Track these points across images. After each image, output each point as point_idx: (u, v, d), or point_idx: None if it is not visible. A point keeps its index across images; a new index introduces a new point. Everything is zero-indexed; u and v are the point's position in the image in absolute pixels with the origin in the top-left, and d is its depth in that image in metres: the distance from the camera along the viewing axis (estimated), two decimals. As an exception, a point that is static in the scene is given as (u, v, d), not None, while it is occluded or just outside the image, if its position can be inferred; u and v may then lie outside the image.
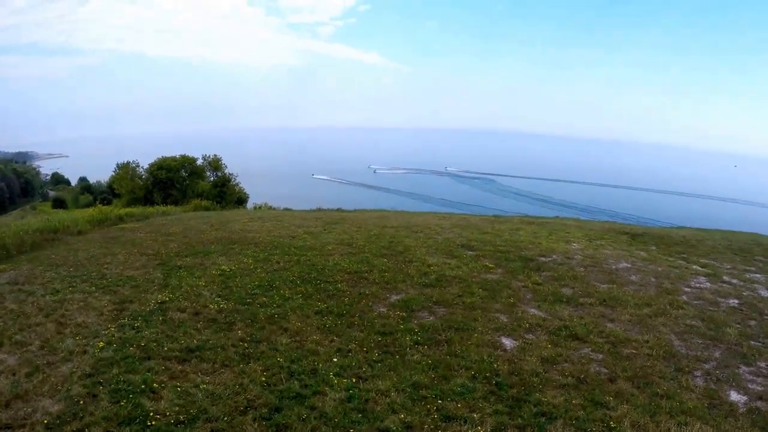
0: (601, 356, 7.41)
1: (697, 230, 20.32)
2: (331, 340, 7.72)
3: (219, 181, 37.66)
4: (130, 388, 6.11)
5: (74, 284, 10.29)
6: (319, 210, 25.64)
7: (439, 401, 6.07)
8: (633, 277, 11.39)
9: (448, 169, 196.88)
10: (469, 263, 12.09)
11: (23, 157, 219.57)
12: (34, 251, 13.63)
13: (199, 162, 38.50)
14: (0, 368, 6.72)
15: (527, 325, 8.42)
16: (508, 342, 7.85)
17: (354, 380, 6.47)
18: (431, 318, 8.74)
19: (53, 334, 7.74)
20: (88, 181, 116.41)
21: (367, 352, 7.31)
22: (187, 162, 37.47)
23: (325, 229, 16.44)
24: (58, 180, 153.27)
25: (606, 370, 6.98)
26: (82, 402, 5.82)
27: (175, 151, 39.77)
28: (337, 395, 6.09)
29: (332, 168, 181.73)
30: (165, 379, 6.36)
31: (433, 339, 7.83)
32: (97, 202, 47.57)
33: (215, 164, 38.51)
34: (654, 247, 14.81)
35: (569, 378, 6.69)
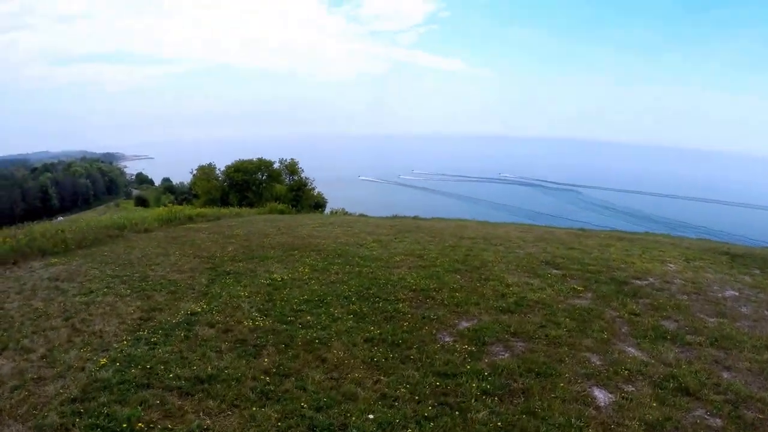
0: (719, 422, 5.32)
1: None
2: (377, 381, 5.96)
3: (295, 185, 37.38)
4: (110, 425, 4.79)
5: (112, 285, 9.52)
6: (395, 217, 24.24)
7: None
8: (744, 309, 9.10)
9: (501, 175, 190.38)
10: (555, 284, 10.03)
11: (110, 158, 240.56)
12: (93, 247, 13.38)
13: (276, 165, 38.60)
14: (-10, 378, 5.82)
15: (625, 371, 6.32)
16: (601, 396, 5.75)
17: (395, 449, 4.65)
18: (506, 355, 6.74)
19: (62, 342, 6.78)
20: (171, 182, 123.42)
21: (418, 403, 5.44)
22: (263, 165, 37.69)
23: (396, 238, 14.94)
24: (142, 180, 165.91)
25: (728, 446, 4.88)
26: (49, 437, 4.60)
27: (258, 155, 40.35)
28: (368, 473, 4.32)
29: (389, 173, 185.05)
30: (155, 418, 4.96)
31: (507, 387, 5.85)
32: (169, 202, 49.82)
33: (292, 168, 38.36)
34: (758, 271, 12.25)
35: (683, 458, 4.63)
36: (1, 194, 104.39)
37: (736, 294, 10.09)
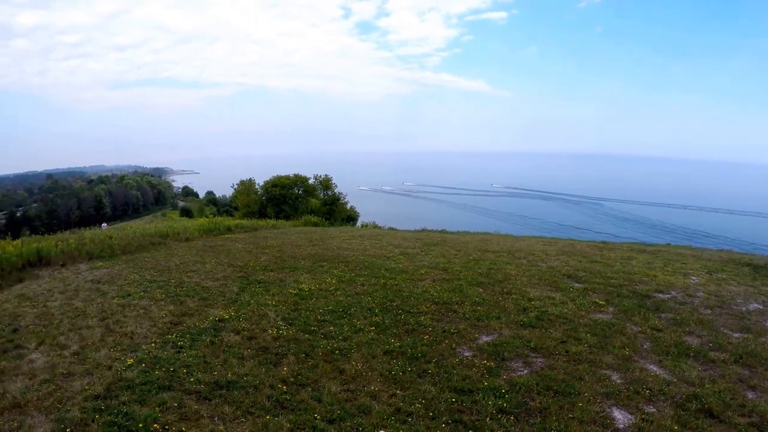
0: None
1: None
2: (392, 395, 5.89)
3: (329, 199, 38.51)
4: (127, 424, 4.94)
5: (148, 289, 9.91)
6: (423, 231, 24.26)
7: None
8: None
9: (493, 186, 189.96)
10: (576, 298, 9.84)
11: (159, 172, 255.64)
12: (136, 253, 13.98)
13: (311, 181, 39.86)
14: (25, 369, 6.25)
15: (646, 391, 6.03)
16: (621, 417, 5.47)
17: (403, 468, 4.57)
18: (525, 372, 6.54)
19: (95, 341, 7.12)
20: (214, 195, 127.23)
21: (432, 419, 5.34)
22: (299, 180, 38.99)
23: (422, 251, 15.04)
24: (187, 192, 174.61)
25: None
26: (69, 430, 4.81)
27: (295, 170, 41.67)
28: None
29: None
30: (171, 420, 5.08)
31: (524, 406, 5.63)
32: (211, 213, 51.45)
33: (326, 183, 39.55)
34: None
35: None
36: (59, 202, 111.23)
37: (761, 307, 9.73)
